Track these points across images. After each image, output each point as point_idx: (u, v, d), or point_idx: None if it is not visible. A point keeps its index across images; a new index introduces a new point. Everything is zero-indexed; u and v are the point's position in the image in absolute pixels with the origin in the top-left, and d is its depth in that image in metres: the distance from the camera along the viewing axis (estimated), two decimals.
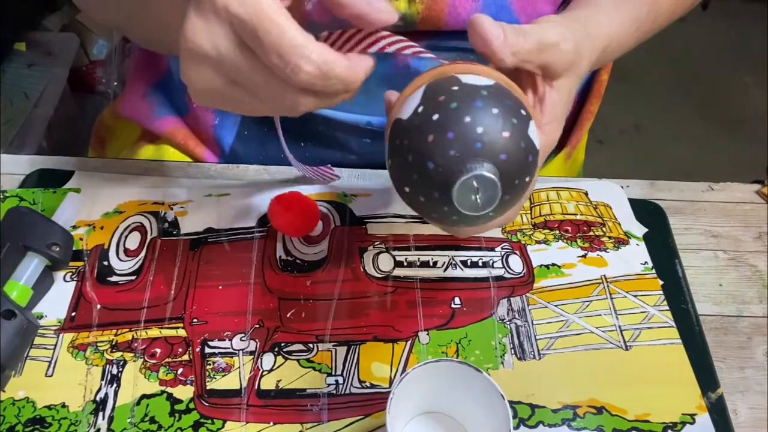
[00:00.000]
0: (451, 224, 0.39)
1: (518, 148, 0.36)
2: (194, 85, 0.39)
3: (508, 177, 0.35)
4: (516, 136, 0.35)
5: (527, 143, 0.36)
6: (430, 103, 0.36)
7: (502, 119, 0.35)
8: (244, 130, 0.66)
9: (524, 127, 0.36)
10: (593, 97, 0.73)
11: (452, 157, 0.35)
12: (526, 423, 0.48)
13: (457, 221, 0.38)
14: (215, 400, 0.49)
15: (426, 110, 0.36)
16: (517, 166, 0.36)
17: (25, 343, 0.50)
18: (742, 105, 2.02)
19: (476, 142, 0.35)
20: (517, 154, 0.36)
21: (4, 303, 0.49)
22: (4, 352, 0.48)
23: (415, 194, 0.37)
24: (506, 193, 0.36)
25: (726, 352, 0.54)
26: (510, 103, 0.36)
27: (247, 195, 0.61)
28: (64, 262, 0.55)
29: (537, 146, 0.37)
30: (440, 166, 0.35)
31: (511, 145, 0.35)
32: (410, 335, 0.53)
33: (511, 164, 0.35)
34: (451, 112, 0.35)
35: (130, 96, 0.74)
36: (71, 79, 1.41)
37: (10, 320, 0.49)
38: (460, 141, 0.35)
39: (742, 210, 0.64)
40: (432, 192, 0.36)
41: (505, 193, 0.36)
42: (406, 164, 0.36)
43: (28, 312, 0.52)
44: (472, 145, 0.34)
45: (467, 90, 0.36)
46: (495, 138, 0.35)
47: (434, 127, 0.35)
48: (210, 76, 0.38)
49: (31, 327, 0.51)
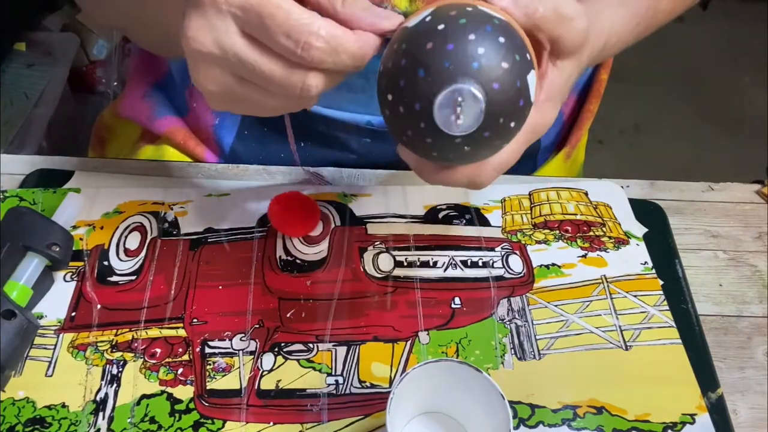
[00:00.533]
0: (423, 149, 0.37)
1: (513, 85, 0.34)
2: (205, 88, 0.38)
3: (494, 110, 0.34)
4: (515, 72, 0.34)
5: (523, 86, 0.35)
6: (439, 15, 0.35)
7: (506, 50, 0.34)
8: (244, 130, 0.66)
9: (525, 69, 0.35)
10: (593, 96, 0.73)
11: (445, 69, 0.33)
12: (526, 423, 0.48)
13: (430, 145, 0.36)
14: (215, 400, 0.49)
15: (433, 20, 0.35)
16: (507, 104, 0.35)
17: (25, 343, 0.50)
18: (742, 105, 2.02)
19: (474, 61, 0.33)
20: (510, 91, 0.34)
21: (4, 303, 0.49)
22: (4, 352, 0.48)
23: (396, 103, 0.36)
24: (487, 127, 0.35)
25: (726, 352, 0.54)
26: (518, 42, 0.35)
27: (247, 195, 0.61)
28: (64, 262, 0.55)
29: (531, 97, 0.36)
30: (431, 74, 0.34)
31: (507, 79, 0.34)
32: (410, 335, 0.53)
33: (502, 98, 0.34)
34: (457, 26, 0.34)
35: (130, 96, 0.74)
36: (71, 79, 1.41)
37: (10, 320, 0.49)
38: (457, 55, 0.33)
39: (742, 210, 0.64)
40: (414, 102, 0.35)
41: (486, 127, 0.35)
42: (398, 69, 0.35)
43: (28, 312, 0.52)
44: (469, 63, 0.33)
45: (480, 13, 0.35)
46: (493, 64, 0.34)
47: (437, 36, 0.34)
48: (218, 75, 0.38)
49: (31, 327, 0.51)
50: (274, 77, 0.37)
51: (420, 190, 0.62)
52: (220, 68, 0.37)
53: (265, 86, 0.37)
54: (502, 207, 0.62)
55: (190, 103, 0.68)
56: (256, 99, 0.38)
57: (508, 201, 0.62)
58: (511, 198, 0.62)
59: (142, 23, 0.55)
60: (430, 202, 0.62)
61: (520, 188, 0.63)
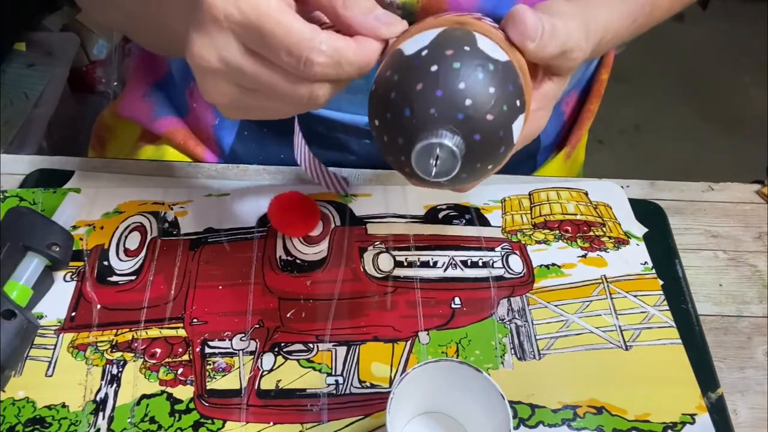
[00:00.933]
0: (403, 173, 0.38)
1: (495, 136, 0.35)
2: (215, 100, 0.39)
3: (473, 158, 0.35)
4: (498, 124, 0.35)
5: (506, 134, 0.35)
6: (435, 52, 0.35)
7: (494, 101, 0.34)
8: (244, 130, 0.66)
9: (511, 118, 0.35)
10: (593, 96, 0.73)
11: (430, 116, 0.34)
12: (526, 423, 0.48)
13: (409, 174, 0.37)
14: (215, 400, 0.49)
15: (429, 57, 0.35)
16: (486, 152, 0.35)
17: (25, 343, 0.50)
18: (742, 105, 2.02)
19: (459, 112, 0.34)
20: (492, 141, 0.35)
21: (4, 303, 0.49)
22: (4, 352, 0.48)
23: (381, 130, 0.36)
24: (464, 171, 0.35)
25: (726, 352, 0.54)
26: (511, 88, 0.35)
27: (247, 195, 0.61)
28: (64, 262, 0.55)
29: (514, 140, 0.36)
30: (415, 117, 0.34)
31: (490, 130, 0.34)
32: (410, 335, 0.53)
33: (482, 148, 0.35)
34: (450, 72, 0.34)
35: (130, 96, 0.74)
36: (71, 79, 1.41)
37: (10, 320, 0.49)
38: (444, 104, 0.34)
39: (742, 210, 0.64)
40: (397, 137, 0.35)
41: (463, 171, 0.35)
42: (387, 99, 0.35)
43: (28, 312, 0.52)
44: (454, 114, 0.34)
45: (476, 56, 0.35)
46: (478, 116, 0.34)
47: (428, 79, 0.34)
48: (226, 88, 0.38)
49: (31, 327, 0.51)
50: (279, 89, 0.37)
51: (420, 190, 0.62)
52: (227, 82, 0.37)
53: (273, 96, 0.38)
54: (502, 207, 0.62)
55: (190, 104, 0.68)
56: (266, 106, 0.39)
57: (508, 201, 0.62)
58: (511, 198, 0.62)
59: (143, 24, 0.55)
60: (430, 202, 0.62)
61: (520, 188, 0.63)
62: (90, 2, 0.62)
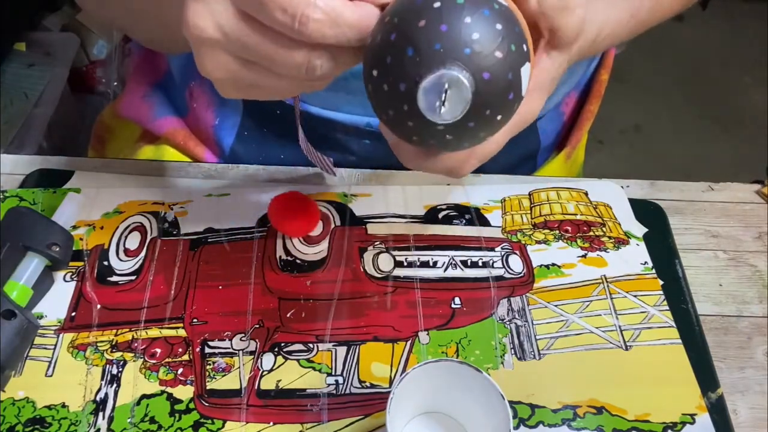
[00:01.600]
0: (403, 131, 0.36)
1: (504, 77, 0.33)
2: (212, 75, 0.38)
3: (482, 101, 0.33)
4: (508, 63, 0.33)
5: (515, 78, 0.33)
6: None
7: (502, 38, 0.32)
8: (244, 131, 0.66)
9: (520, 61, 0.33)
10: (593, 97, 0.73)
11: (435, 51, 0.32)
12: (526, 423, 0.48)
13: (411, 129, 0.35)
14: (215, 400, 0.49)
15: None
16: (496, 95, 0.33)
17: (25, 343, 0.50)
18: (742, 105, 2.02)
19: (466, 47, 0.32)
20: (501, 82, 0.33)
21: (4, 303, 0.49)
22: (4, 352, 0.48)
23: (381, 80, 0.34)
24: (472, 117, 0.33)
25: (726, 352, 0.54)
26: (517, 30, 0.34)
27: (247, 195, 0.61)
28: (64, 262, 0.55)
29: (522, 91, 0.34)
30: (420, 55, 0.32)
31: (499, 70, 0.32)
32: (410, 335, 0.53)
33: (491, 89, 0.33)
34: (454, 6, 0.32)
35: (130, 96, 0.74)
36: (71, 79, 1.41)
37: (10, 320, 0.49)
38: (450, 38, 0.32)
39: (742, 210, 0.64)
40: (399, 82, 0.33)
41: (470, 118, 0.33)
42: (386, 44, 0.33)
43: (28, 312, 0.52)
44: (461, 48, 0.32)
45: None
46: (486, 52, 0.32)
47: (431, 14, 0.32)
48: (223, 61, 0.37)
49: (31, 327, 0.51)
50: (276, 57, 0.36)
51: (420, 190, 0.62)
52: (224, 53, 0.37)
53: (270, 67, 0.37)
54: (502, 207, 0.62)
55: (190, 104, 0.68)
56: (264, 82, 0.38)
57: (508, 201, 0.62)
58: (511, 198, 0.62)
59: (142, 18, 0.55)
60: (430, 202, 0.62)
61: (520, 188, 0.63)
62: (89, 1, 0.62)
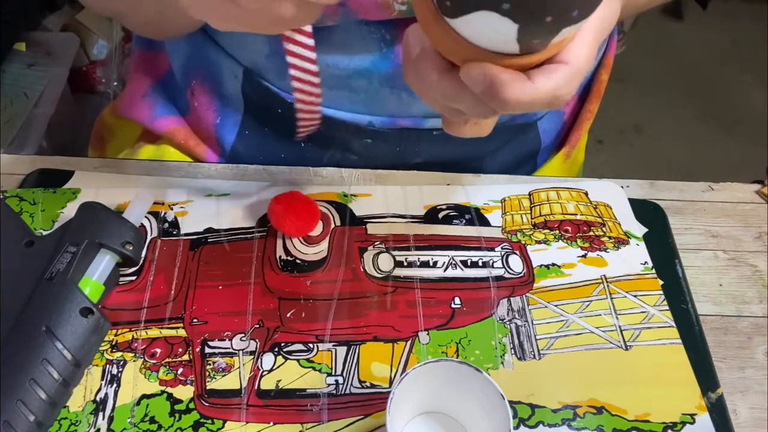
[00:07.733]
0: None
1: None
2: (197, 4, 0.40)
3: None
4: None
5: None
6: None
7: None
8: (245, 129, 0.66)
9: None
10: (593, 97, 0.73)
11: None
12: (526, 423, 0.48)
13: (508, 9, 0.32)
14: (215, 400, 0.49)
15: None
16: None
17: (99, 340, 0.51)
18: (742, 105, 2.02)
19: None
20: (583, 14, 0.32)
21: (81, 301, 0.49)
22: (81, 349, 0.48)
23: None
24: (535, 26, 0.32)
25: (726, 352, 0.54)
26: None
27: (247, 195, 0.61)
28: (135, 260, 0.55)
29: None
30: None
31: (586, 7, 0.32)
32: (410, 335, 0.53)
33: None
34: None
35: (130, 96, 0.74)
36: (71, 79, 1.41)
37: (87, 317, 0.49)
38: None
39: (742, 210, 0.64)
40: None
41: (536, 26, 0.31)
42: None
43: (101, 308, 0.52)
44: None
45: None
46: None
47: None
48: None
49: (105, 324, 0.51)
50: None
51: (420, 190, 0.62)
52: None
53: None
54: (502, 207, 0.62)
55: (191, 103, 0.68)
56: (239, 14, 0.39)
57: (508, 201, 0.62)
58: (511, 198, 0.62)
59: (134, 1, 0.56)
60: (430, 202, 0.62)
61: (520, 188, 0.63)
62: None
